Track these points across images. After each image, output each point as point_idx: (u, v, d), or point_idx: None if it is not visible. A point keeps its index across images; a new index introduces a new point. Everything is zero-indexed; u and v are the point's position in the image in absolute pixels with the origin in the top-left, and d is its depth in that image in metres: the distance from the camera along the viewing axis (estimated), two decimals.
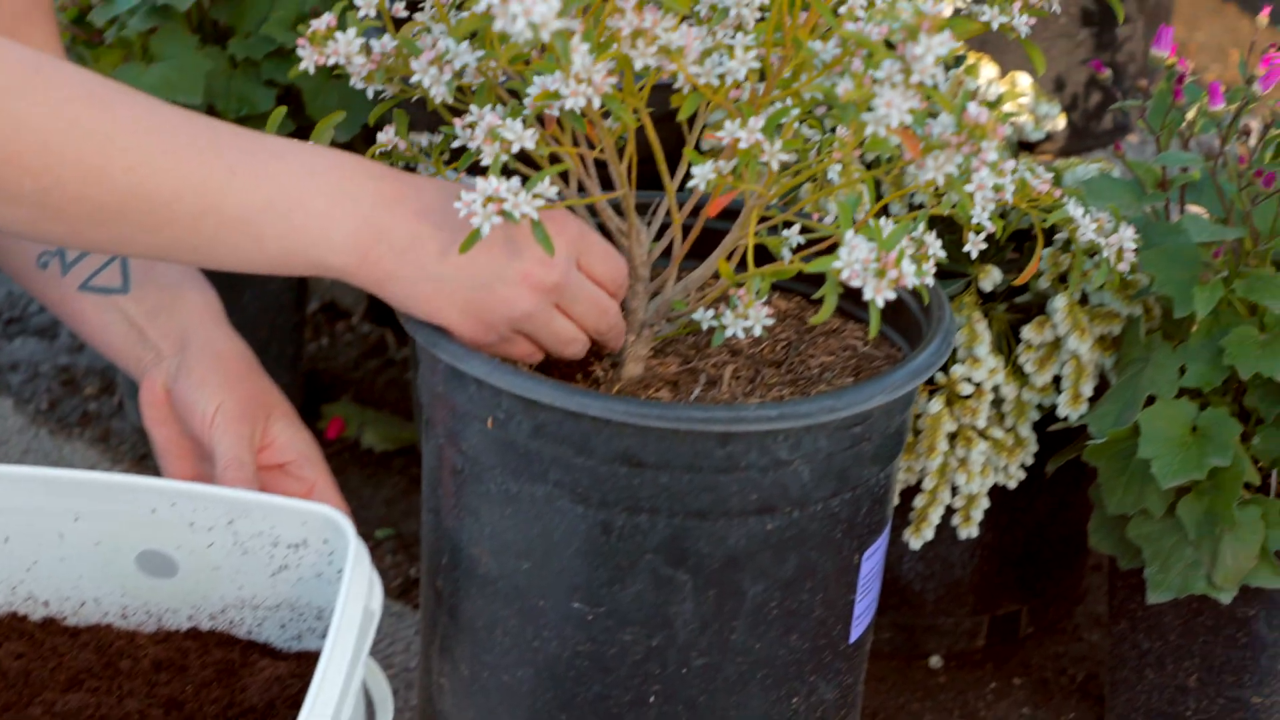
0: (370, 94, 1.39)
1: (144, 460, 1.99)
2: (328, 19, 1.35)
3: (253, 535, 1.36)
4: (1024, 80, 1.78)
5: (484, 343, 1.32)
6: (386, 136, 1.40)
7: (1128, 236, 1.43)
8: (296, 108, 1.88)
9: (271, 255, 1.28)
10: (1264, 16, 1.52)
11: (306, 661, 1.38)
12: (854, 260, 1.19)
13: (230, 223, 1.26)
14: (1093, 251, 1.46)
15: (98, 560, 1.39)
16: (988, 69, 1.75)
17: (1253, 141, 1.43)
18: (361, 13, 1.35)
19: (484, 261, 1.28)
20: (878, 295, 1.19)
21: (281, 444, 1.44)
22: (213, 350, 1.44)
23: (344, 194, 1.27)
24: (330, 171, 1.28)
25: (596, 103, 1.24)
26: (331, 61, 1.34)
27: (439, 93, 1.33)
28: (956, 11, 1.67)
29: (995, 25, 1.39)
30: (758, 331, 1.32)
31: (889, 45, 1.21)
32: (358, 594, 1.26)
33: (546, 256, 1.29)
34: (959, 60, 1.71)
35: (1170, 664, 1.56)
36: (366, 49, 1.35)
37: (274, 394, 1.46)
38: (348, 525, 1.31)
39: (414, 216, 1.28)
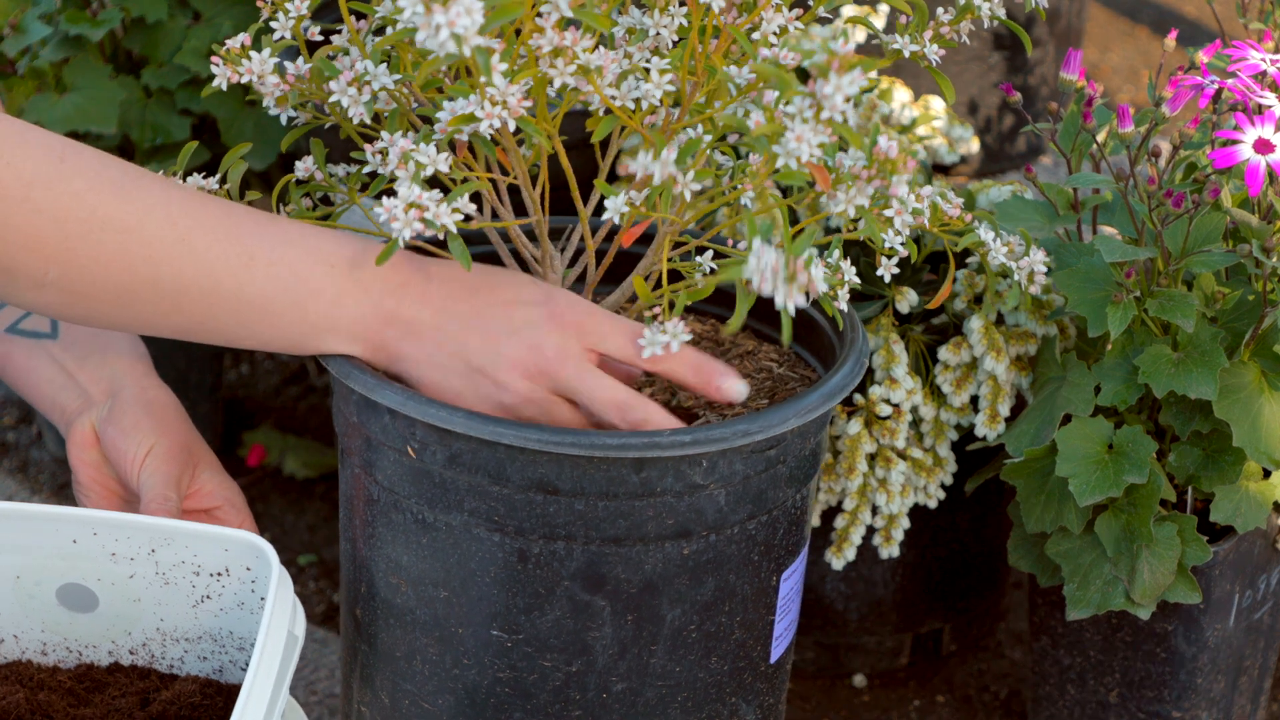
0: (284, 119, 1.39)
1: (63, 490, 1.98)
2: (242, 38, 1.35)
3: (174, 565, 1.35)
4: (937, 104, 1.79)
5: (518, 417, 1.31)
6: (305, 165, 1.40)
7: (1039, 259, 1.44)
8: (212, 137, 1.87)
9: (288, 337, 1.32)
10: (1171, 39, 1.53)
11: (227, 694, 1.38)
12: (763, 266, 1.18)
13: (246, 308, 1.30)
14: (1006, 274, 1.47)
15: (19, 595, 1.38)
16: (901, 93, 1.76)
17: (1163, 163, 1.44)
18: (277, 34, 1.35)
19: (477, 346, 1.30)
20: (788, 301, 1.18)
21: (208, 491, 1.47)
22: (145, 398, 1.46)
23: (355, 281, 1.31)
24: (340, 259, 1.31)
25: (511, 125, 1.24)
26: (245, 80, 1.35)
27: (357, 113, 1.33)
28: (870, 39, 1.68)
29: (907, 54, 1.39)
30: (675, 349, 1.31)
31: (802, 73, 1.21)
32: (281, 617, 1.26)
33: (539, 342, 1.29)
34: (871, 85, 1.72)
35: (1091, 680, 1.57)
36: (280, 70, 1.35)
37: (202, 445, 1.48)
38: (270, 550, 1.30)
39: (418, 302, 1.31)
